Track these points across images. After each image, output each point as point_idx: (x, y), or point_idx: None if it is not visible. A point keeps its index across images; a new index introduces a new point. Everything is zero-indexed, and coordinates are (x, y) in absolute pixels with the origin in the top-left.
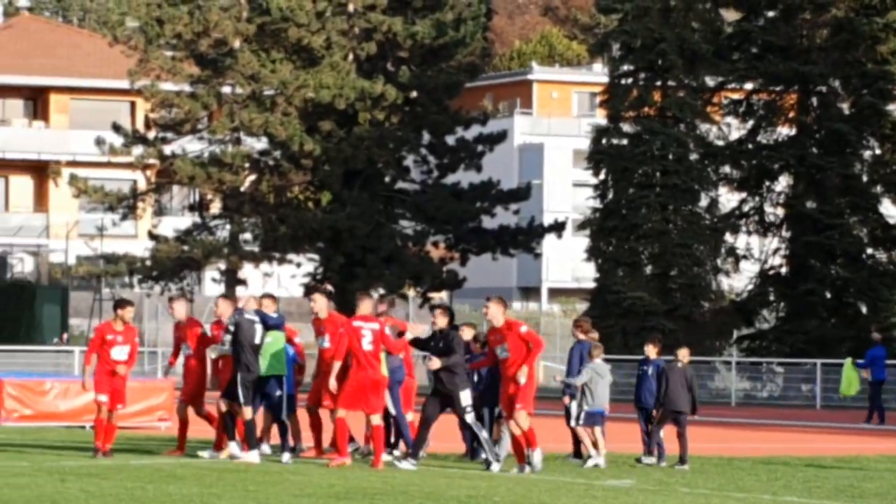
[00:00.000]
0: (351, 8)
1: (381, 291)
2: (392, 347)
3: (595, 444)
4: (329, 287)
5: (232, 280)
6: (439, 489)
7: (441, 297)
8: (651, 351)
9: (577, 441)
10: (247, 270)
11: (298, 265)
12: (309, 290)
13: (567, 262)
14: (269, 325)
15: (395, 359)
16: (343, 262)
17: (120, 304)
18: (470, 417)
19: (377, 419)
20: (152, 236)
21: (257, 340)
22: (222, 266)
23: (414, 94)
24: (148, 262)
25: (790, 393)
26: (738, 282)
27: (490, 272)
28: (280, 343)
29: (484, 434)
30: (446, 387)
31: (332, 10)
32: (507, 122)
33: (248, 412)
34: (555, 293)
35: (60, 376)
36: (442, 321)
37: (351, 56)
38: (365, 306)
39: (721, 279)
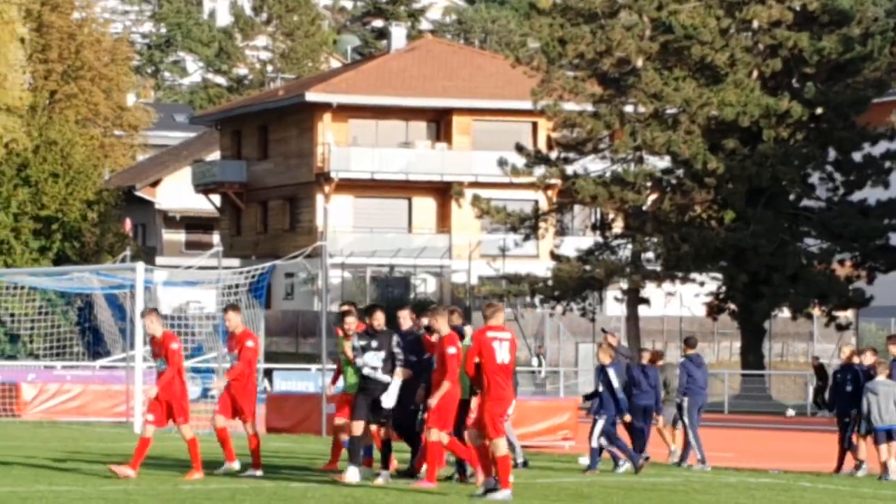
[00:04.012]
0: (756, 24)
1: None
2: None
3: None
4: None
5: (634, 299)
6: None
7: (846, 315)
8: None
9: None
10: (649, 290)
11: (702, 284)
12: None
13: None
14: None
15: None
16: (747, 281)
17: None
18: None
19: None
20: (554, 256)
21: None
22: (624, 285)
23: (820, 110)
24: (550, 282)
25: None
26: None
27: None
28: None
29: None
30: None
31: (736, 27)
32: None
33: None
34: None
35: None
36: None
37: (755, 73)
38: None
39: None
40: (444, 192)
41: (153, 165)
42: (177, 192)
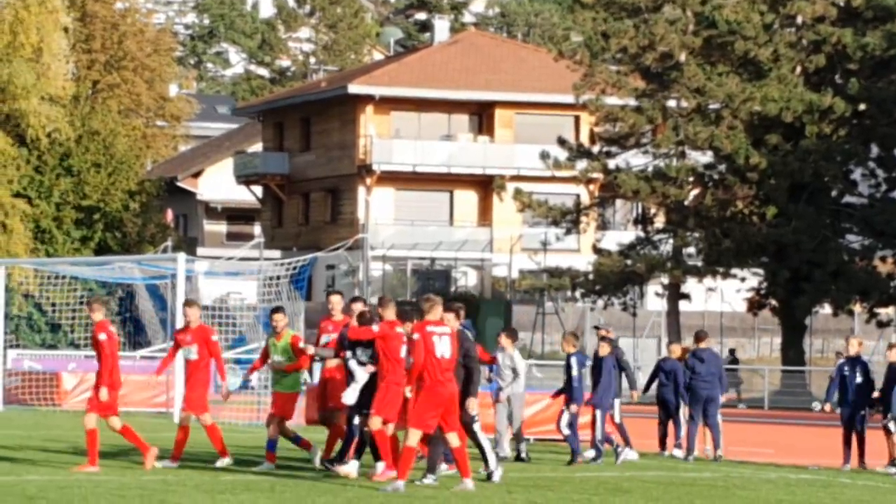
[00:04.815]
0: (800, 20)
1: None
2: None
3: None
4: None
5: (675, 294)
6: None
7: (888, 312)
8: None
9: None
10: (690, 285)
11: (743, 280)
12: None
13: None
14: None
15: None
16: (788, 277)
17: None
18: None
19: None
20: (596, 250)
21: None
22: (665, 280)
23: (863, 106)
24: (591, 276)
25: None
26: None
27: None
28: None
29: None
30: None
31: (780, 23)
32: None
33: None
34: None
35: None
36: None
37: (799, 68)
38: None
39: None
40: (485, 186)
41: (195, 156)
42: (218, 184)
